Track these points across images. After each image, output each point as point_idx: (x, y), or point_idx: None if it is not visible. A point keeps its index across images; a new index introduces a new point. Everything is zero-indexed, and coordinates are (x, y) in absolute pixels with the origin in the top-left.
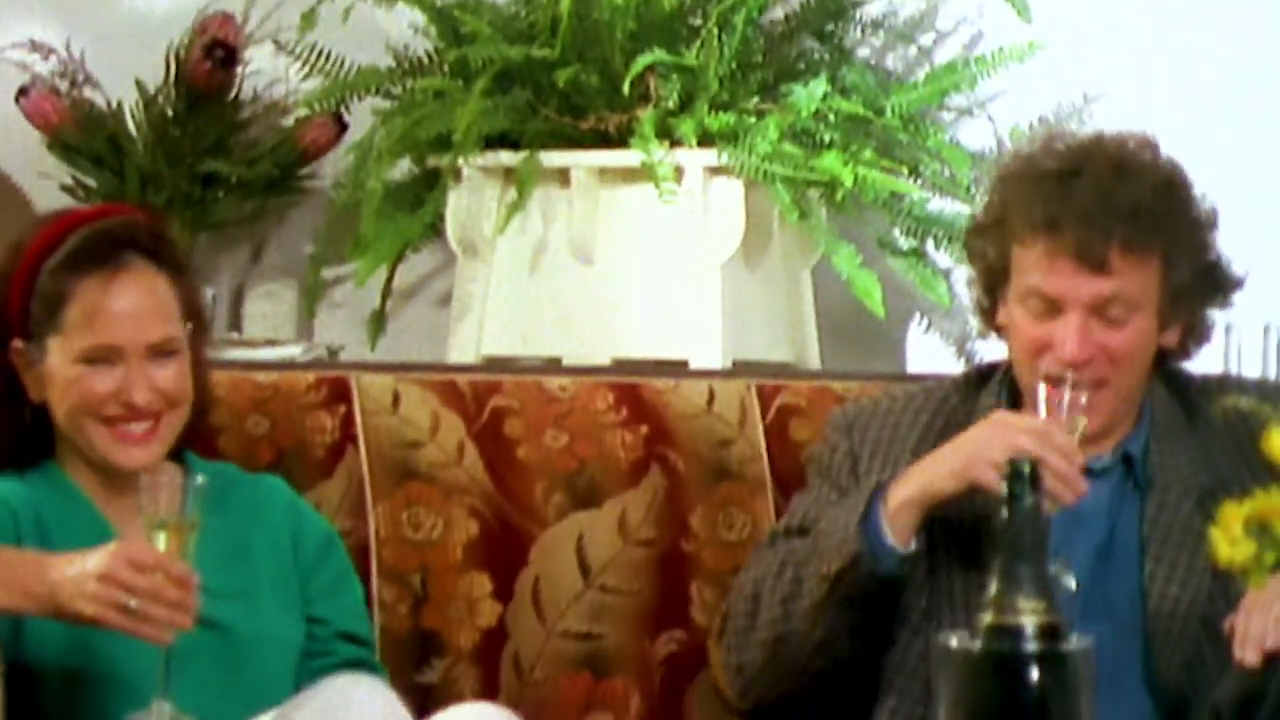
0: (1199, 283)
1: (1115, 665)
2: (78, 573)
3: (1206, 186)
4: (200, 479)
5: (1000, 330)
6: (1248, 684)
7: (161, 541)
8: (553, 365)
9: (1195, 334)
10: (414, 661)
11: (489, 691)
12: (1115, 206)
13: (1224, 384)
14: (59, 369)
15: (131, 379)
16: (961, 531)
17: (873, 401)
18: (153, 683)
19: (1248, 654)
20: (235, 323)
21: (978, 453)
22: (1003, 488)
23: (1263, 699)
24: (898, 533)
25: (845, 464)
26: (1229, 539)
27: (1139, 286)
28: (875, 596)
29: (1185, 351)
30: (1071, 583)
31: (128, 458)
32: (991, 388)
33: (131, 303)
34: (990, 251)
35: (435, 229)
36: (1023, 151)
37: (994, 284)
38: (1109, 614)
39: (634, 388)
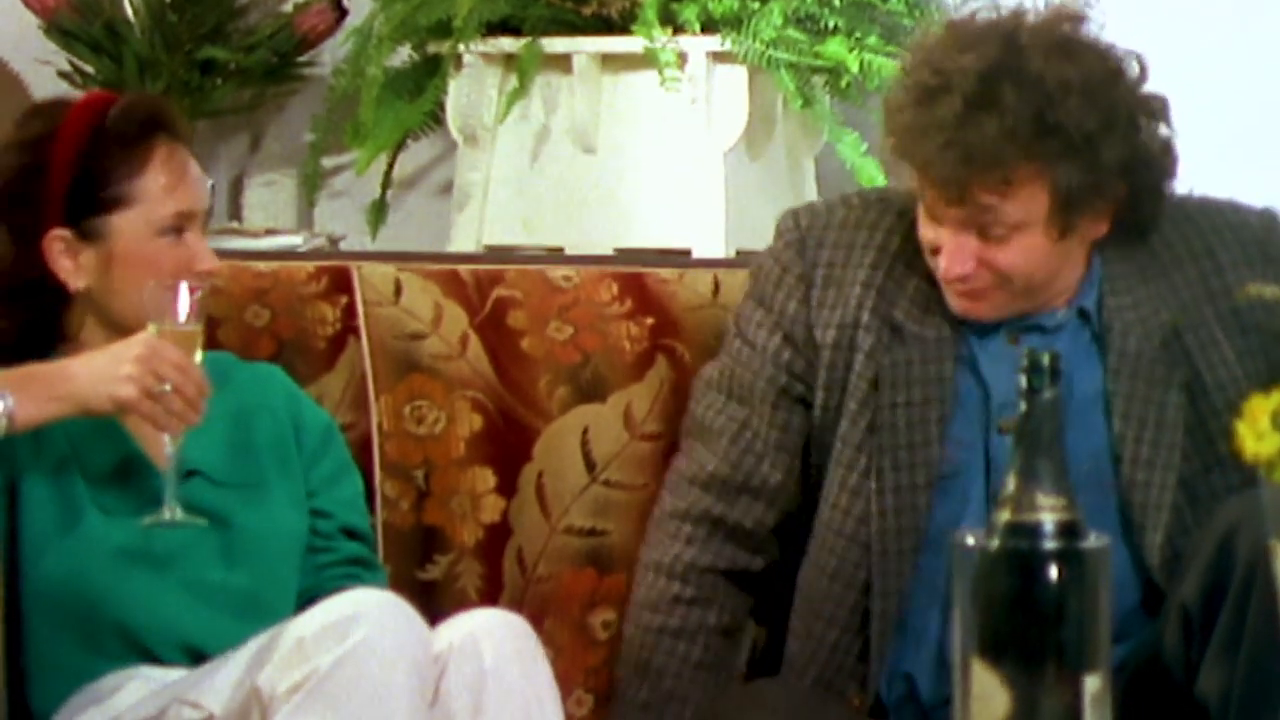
0: (1104, 182)
1: None
2: (107, 361)
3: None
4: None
5: None
6: (1210, 578)
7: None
8: (556, 255)
9: (1135, 209)
10: (417, 558)
11: (492, 588)
12: (965, 153)
13: (1217, 212)
14: (135, 243)
15: (201, 248)
16: (907, 388)
17: (827, 208)
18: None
19: None
20: (235, 212)
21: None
22: (1020, 380)
23: (1225, 593)
24: None
25: (797, 290)
26: (1255, 432)
27: (1015, 209)
28: None
29: (1138, 221)
30: None
31: None
32: None
33: (196, 169)
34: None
35: (436, 117)
36: (924, 41)
37: None
38: (1077, 482)
39: (638, 278)
